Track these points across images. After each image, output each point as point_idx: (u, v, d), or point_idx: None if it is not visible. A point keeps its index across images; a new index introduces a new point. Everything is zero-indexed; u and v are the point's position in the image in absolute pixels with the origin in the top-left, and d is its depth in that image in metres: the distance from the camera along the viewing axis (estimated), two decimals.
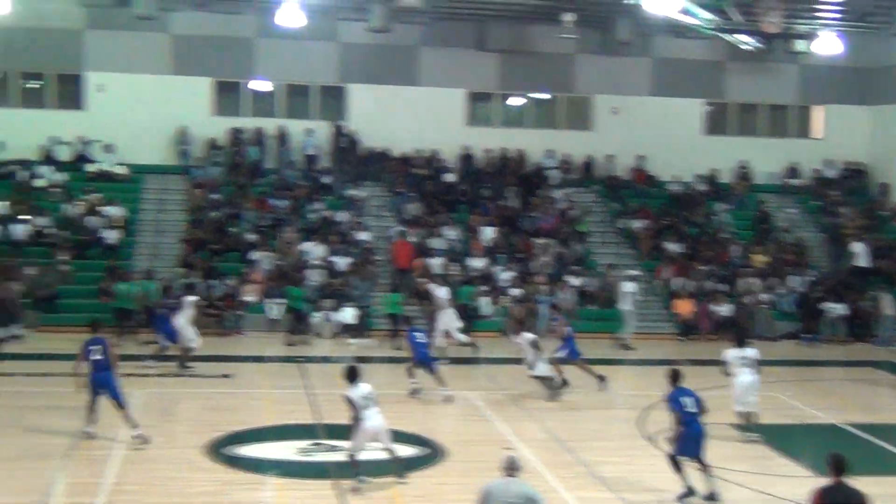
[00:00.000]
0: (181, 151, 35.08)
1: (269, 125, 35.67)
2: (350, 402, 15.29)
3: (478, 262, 31.60)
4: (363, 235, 32.34)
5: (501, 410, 20.79)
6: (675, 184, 36.88)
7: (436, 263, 31.07)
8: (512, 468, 11.33)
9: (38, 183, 33.26)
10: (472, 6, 34.05)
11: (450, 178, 35.64)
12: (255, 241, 31.47)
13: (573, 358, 22.47)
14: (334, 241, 31.63)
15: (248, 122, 35.68)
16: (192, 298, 24.46)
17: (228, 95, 36.22)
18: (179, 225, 32.53)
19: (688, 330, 30.80)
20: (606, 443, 19.01)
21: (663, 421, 19.83)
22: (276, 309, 29.36)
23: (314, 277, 30.14)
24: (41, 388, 21.66)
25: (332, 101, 36.59)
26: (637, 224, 34.55)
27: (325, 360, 25.58)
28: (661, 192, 36.88)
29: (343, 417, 19.94)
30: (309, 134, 35.55)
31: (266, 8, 33.52)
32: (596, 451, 18.01)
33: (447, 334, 26.30)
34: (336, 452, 17.34)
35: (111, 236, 31.30)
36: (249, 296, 29.56)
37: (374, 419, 15.33)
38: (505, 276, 31.17)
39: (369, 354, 26.70)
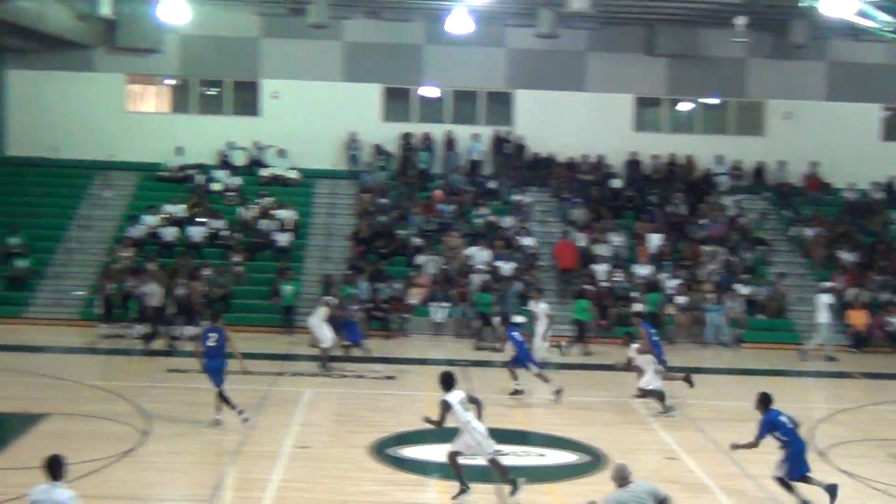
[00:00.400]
0: (351, 156, 35.69)
1: (437, 130, 35.99)
2: (448, 407, 14.92)
3: (643, 270, 31.15)
4: (528, 241, 32.28)
5: (665, 419, 20.43)
6: (850, 191, 35.71)
7: (600, 270, 30.80)
8: (623, 477, 11.20)
9: (215, 186, 34.36)
10: (640, 10, 33.63)
11: (616, 184, 35.30)
12: (421, 244, 31.75)
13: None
14: (499, 245, 31.66)
15: (415, 128, 36.07)
16: (325, 299, 24.65)
17: (397, 101, 36.68)
18: (348, 228, 33.07)
19: (861, 342, 29.69)
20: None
21: (834, 435, 19.26)
22: (440, 312, 29.56)
23: (478, 281, 30.20)
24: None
25: (499, 106, 36.67)
26: (809, 232, 33.53)
27: (488, 364, 25.54)
28: (835, 200, 35.76)
29: (502, 421, 20.05)
30: (475, 139, 35.73)
31: (435, 15, 33.85)
32: (764, 463, 17.46)
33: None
34: (497, 456, 17.36)
35: (283, 239, 32.03)
36: (415, 299, 29.83)
37: (475, 423, 15.01)
38: (671, 283, 30.65)
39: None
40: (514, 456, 17.64)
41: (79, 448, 16.43)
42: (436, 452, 17.71)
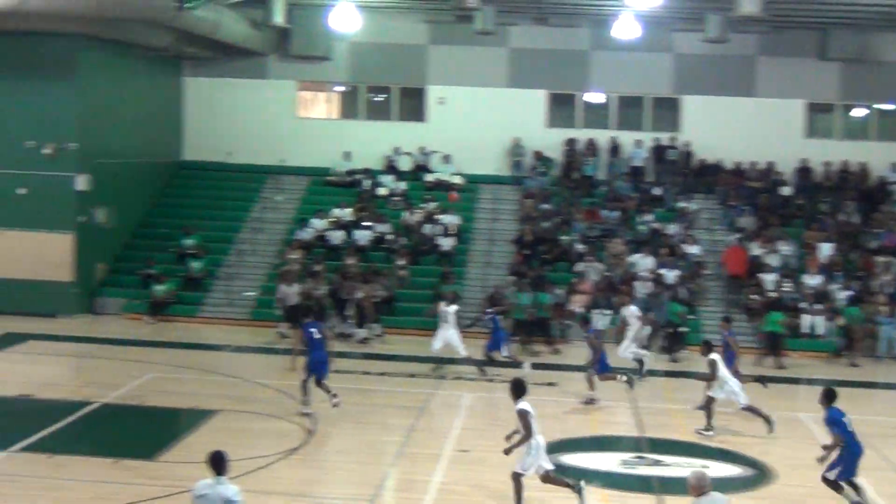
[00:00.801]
0: (515, 162, 35.71)
1: (601, 136, 35.71)
2: (525, 417, 14.52)
3: (813, 280, 30.21)
4: (693, 248, 31.70)
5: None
6: None
7: (768, 279, 30.04)
8: (701, 486, 10.92)
9: (381, 191, 34.84)
10: (813, 14, 32.57)
11: (786, 191, 34.38)
12: (584, 251, 31.52)
13: None
14: (664, 253, 31.18)
15: (580, 134, 35.86)
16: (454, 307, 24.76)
17: (562, 107, 36.52)
18: (511, 233, 33.09)
19: None
20: None
21: None
22: (602, 319, 29.22)
23: (642, 289, 29.79)
24: (379, 387, 22.60)
25: (665, 112, 36.16)
26: None
27: (651, 373, 25.14)
28: None
29: (666, 431, 19.77)
30: (639, 145, 35.31)
31: (602, 21, 33.59)
32: None
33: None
34: (660, 467, 17.19)
35: (446, 244, 32.24)
36: (577, 305, 29.59)
37: (539, 436, 14.61)
38: (842, 295, 29.64)
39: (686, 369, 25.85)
40: (678, 467, 17.37)
41: (247, 444, 16.90)
42: (597, 460, 17.62)
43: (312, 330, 19.69)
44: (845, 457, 14.71)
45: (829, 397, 15.12)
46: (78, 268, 29.97)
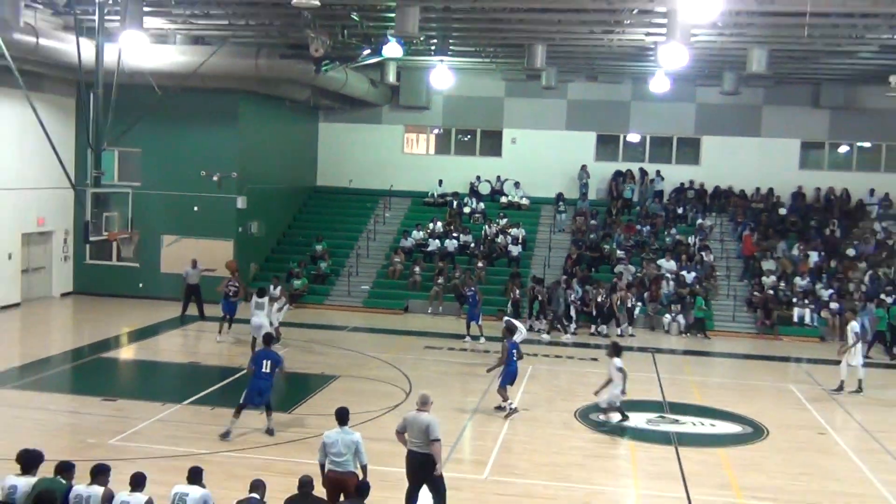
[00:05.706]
0: (581, 184, 35.34)
1: (637, 168, 35.47)
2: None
3: (803, 282, 29.72)
4: (708, 256, 31.34)
5: (818, 402, 19.49)
6: None
7: (767, 281, 29.59)
8: (424, 402, 11.51)
9: (466, 210, 34.99)
10: (808, 70, 31.90)
11: (783, 211, 33.80)
12: (622, 257, 31.36)
13: None
14: (684, 259, 30.88)
15: (621, 167, 35.66)
16: None
17: (608, 146, 36.39)
18: (566, 244, 33.03)
19: None
20: None
21: None
22: (637, 310, 28.97)
23: (667, 287, 29.57)
24: (463, 360, 22.76)
25: (689, 149, 35.79)
26: None
27: (672, 352, 24.97)
28: None
29: (682, 397, 19.63)
30: (658, 174, 34.94)
31: (640, 78, 33.43)
32: None
33: None
34: (677, 424, 17.14)
35: (515, 250, 32.30)
36: (617, 300, 29.30)
37: None
38: (826, 293, 29.09)
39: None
40: (691, 425, 17.31)
41: (360, 402, 17.21)
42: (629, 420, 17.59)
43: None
44: (250, 384, 15.10)
45: (264, 340, 15.84)
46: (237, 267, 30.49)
